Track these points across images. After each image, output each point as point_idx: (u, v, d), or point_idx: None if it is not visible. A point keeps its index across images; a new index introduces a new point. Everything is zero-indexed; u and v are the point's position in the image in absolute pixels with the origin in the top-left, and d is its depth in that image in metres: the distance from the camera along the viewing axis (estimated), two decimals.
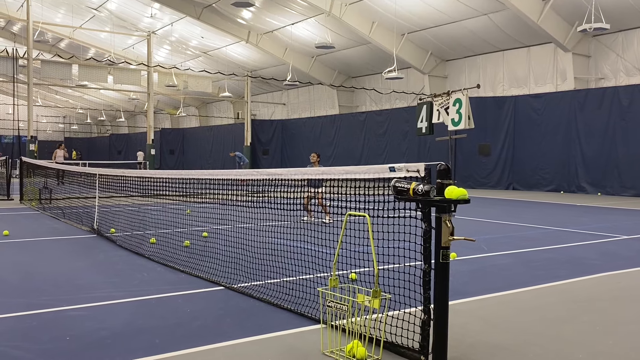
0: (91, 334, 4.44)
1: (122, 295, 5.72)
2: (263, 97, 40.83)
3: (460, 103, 19.61)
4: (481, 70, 26.79)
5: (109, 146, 55.98)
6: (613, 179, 20.18)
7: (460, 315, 4.88)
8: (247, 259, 6.72)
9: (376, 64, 29.62)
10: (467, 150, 24.07)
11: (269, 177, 5.73)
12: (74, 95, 54.45)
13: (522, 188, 23.26)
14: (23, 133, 26.98)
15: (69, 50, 37.77)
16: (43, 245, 9.16)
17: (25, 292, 5.88)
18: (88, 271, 7.03)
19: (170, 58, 36.90)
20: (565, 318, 4.99)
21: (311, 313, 4.85)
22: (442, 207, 3.68)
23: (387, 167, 3.99)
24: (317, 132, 34.01)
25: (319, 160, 12.84)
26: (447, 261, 3.72)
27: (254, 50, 32.25)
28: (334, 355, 3.95)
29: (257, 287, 5.80)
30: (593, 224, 11.87)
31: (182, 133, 47.21)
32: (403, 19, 24.50)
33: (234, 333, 4.47)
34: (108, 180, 11.48)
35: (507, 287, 6.11)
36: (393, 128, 28.79)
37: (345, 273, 6.15)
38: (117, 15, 31.98)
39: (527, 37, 23.64)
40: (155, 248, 8.33)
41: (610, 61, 22.11)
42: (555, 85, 23.80)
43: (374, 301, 3.80)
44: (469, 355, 3.99)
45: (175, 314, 5.06)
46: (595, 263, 7.58)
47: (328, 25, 26.56)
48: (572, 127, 21.47)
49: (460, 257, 7.67)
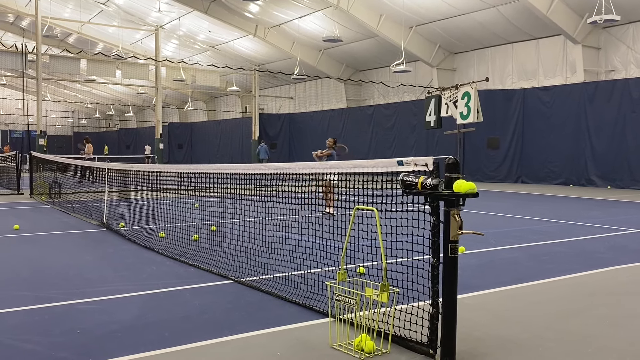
0: (101, 327, 4.47)
1: (132, 288, 5.75)
2: (271, 91, 40.80)
3: (469, 96, 19.51)
4: (490, 63, 26.62)
5: (118, 141, 56.26)
6: (623, 172, 20.03)
7: (468, 309, 4.87)
8: (255, 252, 6.73)
9: (384, 57, 29.51)
10: (476, 144, 23.97)
11: (277, 171, 5.73)
12: (82, 90, 54.67)
13: (531, 181, 23.15)
14: (32, 128, 27.12)
15: (77, 45, 37.90)
16: (53, 239, 9.22)
17: (35, 286, 5.93)
18: (97, 265, 7.08)
19: (178, 52, 36.93)
20: (575, 311, 4.97)
21: (319, 307, 4.86)
22: (450, 200, 3.67)
23: (396, 160, 3.98)
24: (324, 125, 33.97)
25: (334, 146, 12.87)
26: (456, 255, 3.71)
27: (261, 44, 32.21)
28: (342, 348, 3.95)
29: (265, 281, 5.81)
30: (603, 217, 11.80)
31: (190, 127, 47.31)
32: (411, 12, 24.38)
33: (242, 326, 4.48)
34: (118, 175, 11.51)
35: (516, 280, 6.09)
36: (401, 122, 28.71)
37: (353, 267, 6.15)
38: (125, 10, 32.03)
39: (536, 29, 23.45)
40: (164, 242, 8.36)
41: (621, 53, 21.90)
42: (564, 78, 23.62)
43: (382, 295, 3.80)
44: (478, 348, 3.98)
45: (184, 307, 5.09)
46: (605, 256, 7.53)
47: (336, 19, 26.47)
48: (581, 120, 21.32)
49: (468, 250, 7.65)
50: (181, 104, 49.49)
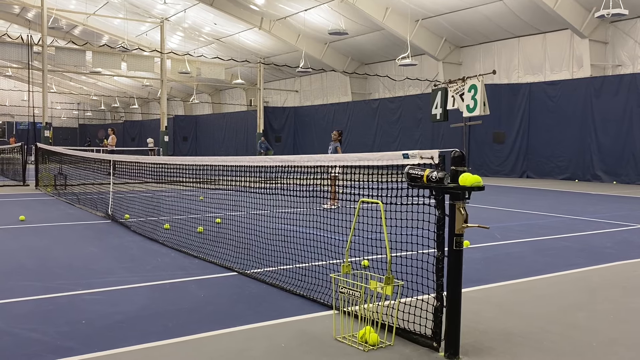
0: (106, 318, 4.50)
1: (137, 280, 5.77)
2: (276, 84, 40.75)
3: (475, 89, 19.46)
4: (496, 56, 26.50)
5: (123, 133, 56.28)
6: (629, 167, 19.94)
7: (473, 302, 4.87)
8: (260, 245, 6.75)
9: (390, 50, 29.41)
10: (481, 138, 23.91)
11: (282, 164, 5.73)
12: (88, 82, 54.72)
13: (537, 176, 23.08)
14: (38, 119, 27.19)
15: (83, 37, 37.91)
16: (58, 230, 9.26)
17: (41, 276, 5.96)
18: (103, 256, 7.10)
19: (183, 45, 36.88)
20: (580, 306, 4.96)
21: (324, 299, 4.86)
22: (456, 194, 3.66)
23: (401, 154, 3.97)
24: (329, 119, 33.92)
25: (339, 138, 12.88)
26: (461, 248, 3.70)
27: (266, 37, 32.14)
28: (346, 340, 3.96)
29: (270, 273, 5.83)
30: (608, 212, 11.76)
31: (195, 120, 47.30)
32: (417, 5, 24.27)
33: (247, 318, 4.50)
34: (123, 167, 11.54)
35: (521, 274, 6.08)
36: (406, 115, 28.64)
37: (357, 260, 6.16)
38: (130, 2, 31.99)
39: (543, 23, 23.31)
40: (169, 234, 8.39)
41: (628, 47, 21.75)
42: (571, 72, 23.49)
43: (386, 287, 3.80)
44: (482, 342, 3.98)
45: (189, 298, 5.10)
46: (611, 251, 7.51)
47: (341, 11, 26.38)
48: (587, 114, 21.22)
49: (473, 244, 7.64)
50: (186, 97, 49.47)
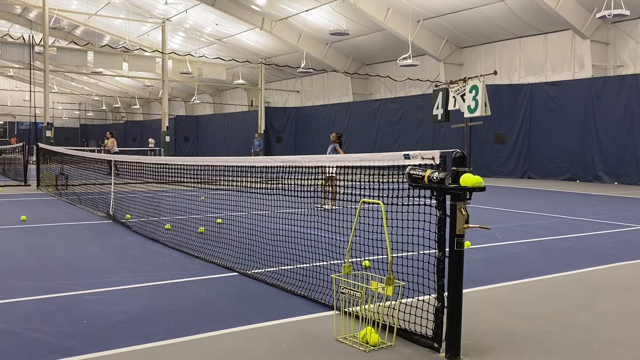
0: (107, 318, 4.50)
1: (138, 280, 5.78)
2: (277, 85, 40.75)
3: (476, 90, 19.45)
4: (497, 57, 26.49)
5: (124, 133, 56.29)
6: (630, 168, 19.92)
7: (474, 303, 4.87)
8: (261, 245, 6.75)
9: (391, 51, 29.41)
10: (482, 139, 23.89)
11: (283, 164, 5.73)
12: (89, 82, 54.74)
13: (538, 177, 23.06)
14: (39, 120, 27.20)
15: (84, 37, 37.93)
16: (60, 230, 9.27)
17: (42, 276, 5.96)
18: (104, 256, 7.11)
19: (184, 45, 36.90)
20: (581, 306, 4.96)
21: (325, 299, 4.87)
22: (457, 194, 3.66)
23: (402, 154, 3.97)
24: (330, 119, 33.91)
25: (338, 141, 12.90)
26: (462, 249, 3.70)
27: (268, 37, 32.15)
28: (347, 341, 3.96)
29: (271, 274, 5.83)
30: (609, 213, 11.75)
31: (197, 120, 47.31)
32: (418, 5, 24.26)
33: (248, 318, 4.50)
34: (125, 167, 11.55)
35: (523, 275, 6.08)
36: (407, 116, 28.63)
37: (358, 260, 6.16)
38: (131, 2, 32.01)
39: (544, 24, 23.30)
40: (170, 234, 8.39)
41: (630, 48, 21.73)
42: (572, 73, 23.47)
43: (387, 288, 3.80)
44: (483, 342, 3.98)
45: (190, 298, 5.11)
46: (612, 252, 7.51)
47: (342, 12, 26.38)
48: (589, 115, 21.20)
49: (474, 245, 7.63)
50: (187, 97, 49.48)
